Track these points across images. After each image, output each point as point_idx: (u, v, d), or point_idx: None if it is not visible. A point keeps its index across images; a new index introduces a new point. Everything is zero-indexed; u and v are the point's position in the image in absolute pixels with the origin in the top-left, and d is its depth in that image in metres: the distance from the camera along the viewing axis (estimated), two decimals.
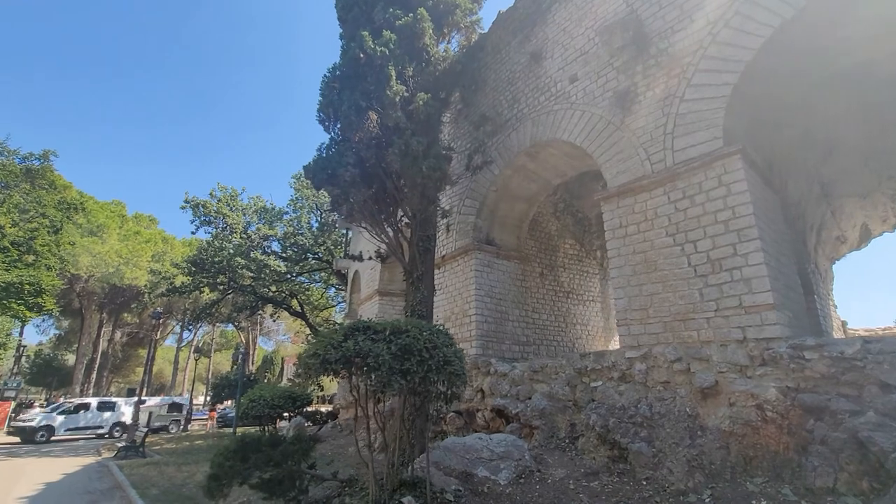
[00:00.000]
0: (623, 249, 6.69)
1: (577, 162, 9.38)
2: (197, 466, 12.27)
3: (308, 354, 4.95)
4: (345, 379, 5.44)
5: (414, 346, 4.81)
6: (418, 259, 7.61)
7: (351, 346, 4.74)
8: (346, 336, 4.97)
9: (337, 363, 4.76)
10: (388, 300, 14.21)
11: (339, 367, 4.77)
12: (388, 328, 5.07)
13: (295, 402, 18.07)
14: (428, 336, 4.98)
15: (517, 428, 7.61)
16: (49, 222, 20.29)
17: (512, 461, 6.01)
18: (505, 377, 8.20)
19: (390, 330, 5.03)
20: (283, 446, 5.74)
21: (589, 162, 9.29)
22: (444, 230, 10.45)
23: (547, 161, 9.45)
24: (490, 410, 8.49)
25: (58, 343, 52.20)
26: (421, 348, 4.82)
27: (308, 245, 21.57)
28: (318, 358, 4.83)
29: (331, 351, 4.78)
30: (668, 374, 5.81)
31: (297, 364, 5.17)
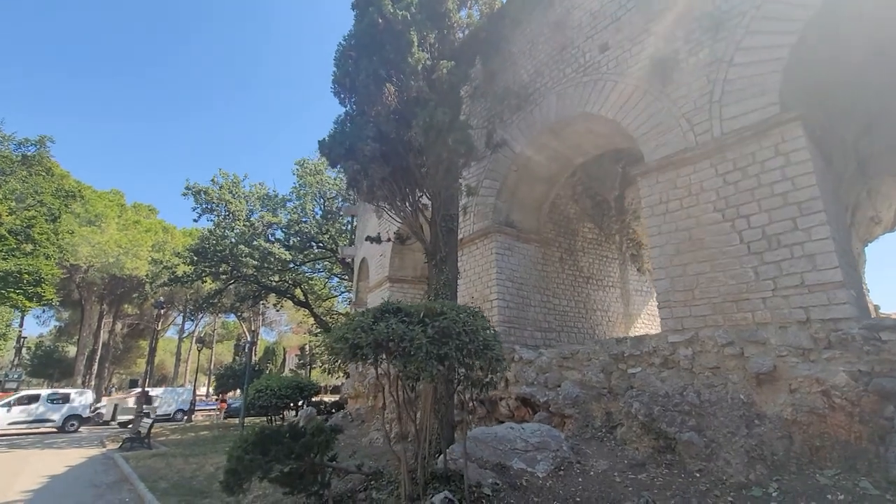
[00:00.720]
0: (664, 227, 6.26)
1: (602, 139, 8.90)
2: (205, 458, 11.94)
3: (335, 339, 4.53)
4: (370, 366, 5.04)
5: (452, 329, 4.39)
6: (441, 240, 7.17)
7: (383, 329, 4.32)
8: (377, 319, 4.55)
9: (368, 348, 4.34)
10: (398, 287, 13.80)
11: (369, 352, 4.35)
12: (422, 310, 4.64)
13: (302, 391, 17.82)
14: (466, 318, 4.56)
15: (546, 417, 7.23)
16: (47, 210, 19.76)
17: (549, 452, 5.63)
18: (531, 364, 7.81)
19: (424, 312, 4.61)
20: (305, 438, 5.34)
21: (616, 140, 8.82)
22: (462, 213, 9.99)
23: (570, 138, 8.97)
24: (515, 399, 8.11)
25: (58, 335, 51.91)
26: (459, 331, 4.40)
27: (312, 233, 21.09)
28: (346, 343, 4.42)
29: (361, 335, 4.36)
30: (718, 359, 5.40)
31: (326, 349, 4.76)
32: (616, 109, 7.25)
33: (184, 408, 29.65)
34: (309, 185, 23.50)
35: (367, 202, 7.56)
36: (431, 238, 7.38)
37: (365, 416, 12.97)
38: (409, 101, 6.73)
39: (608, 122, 7.75)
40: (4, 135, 18.53)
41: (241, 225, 20.70)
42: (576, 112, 8.04)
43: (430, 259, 7.33)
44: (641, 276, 12.92)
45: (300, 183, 23.96)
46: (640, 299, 12.57)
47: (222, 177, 21.36)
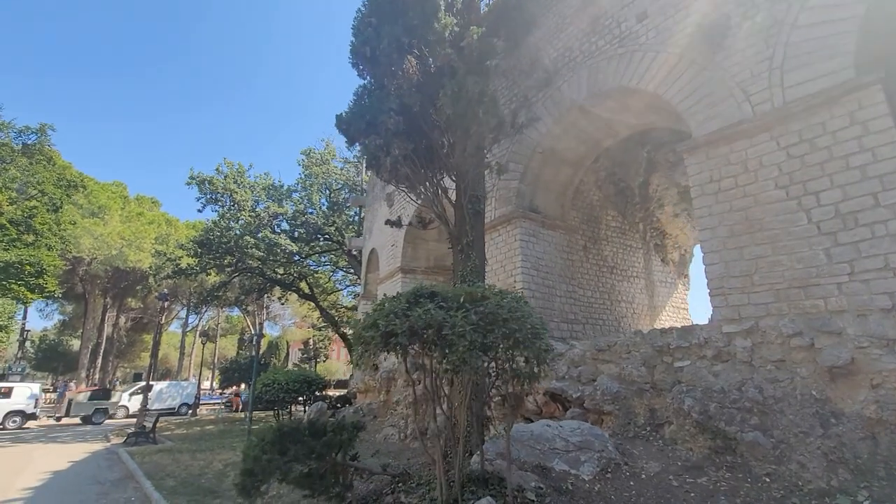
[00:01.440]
0: (716, 207, 5.72)
1: (634, 117, 8.35)
2: (213, 454, 11.52)
3: (365, 326, 4.03)
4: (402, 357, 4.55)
5: (498, 315, 3.88)
6: (468, 223, 6.65)
7: (420, 315, 3.81)
8: (411, 304, 4.05)
9: (402, 336, 3.84)
10: (411, 278, 13.30)
11: (404, 341, 3.86)
12: (462, 294, 4.14)
13: (310, 385, 17.37)
14: (511, 304, 4.05)
15: (580, 414, 6.74)
16: (48, 200, 19.30)
17: (593, 452, 5.14)
18: (561, 357, 7.30)
19: (465, 297, 4.11)
20: (327, 437, 4.86)
21: (649, 117, 8.27)
22: None
23: (601, 117, 8.42)
24: (543, 394, 7.62)
25: (62, 328, 51.72)
26: (507, 318, 3.89)
27: (319, 224, 20.57)
28: (377, 330, 3.92)
29: (395, 322, 3.86)
30: (783, 352, 4.88)
31: (353, 338, 4.26)
32: (657, 82, 6.69)
33: (188, 402, 29.31)
34: (315, 175, 22.96)
35: (387, 182, 7.03)
36: (456, 221, 6.86)
37: (377, 412, 12.52)
38: (435, 72, 6.20)
39: (644, 97, 7.21)
40: (4, 122, 18.03)
41: (247, 215, 20.20)
42: (610, 87, 7.48)
43: (454, 244, 6.81)
44: (665, 267, 12.39)
45: (306, 174, 23.43)
46: (665, 290, 12.05)
47: (227, 166, 20.85)
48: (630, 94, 7.38)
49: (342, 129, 6.52)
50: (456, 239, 6.78)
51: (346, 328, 27.44)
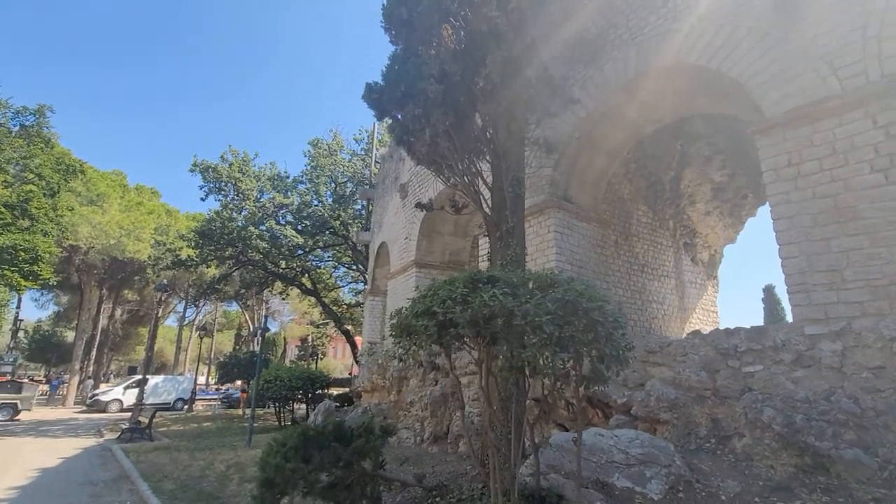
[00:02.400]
0: (795, 194, 5.10)
1: (682, 100, 7.73)
2: (213, 454, 10.83)
3: (416, 314, 3.39)
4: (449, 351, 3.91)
5: (578, 304, 3.23)
6: (509, 207, 6.01)
7: (485, 302, 3.18)
8: (470, 289, 3.41)
9: (463, 327, 3.21)
10: (426, 273, 12.65)
11: (466, 332, 3.22)
12: (532, 279, 3.50)
13: (313, 383, 16.71)
14: (584, 291, 3.42)
15: (626, 422, 6.10)
16: (46, 184, 18.58)
17: (659, 467, 4.50)
18: None
19: (534, 282, 3.47)
20: (357, 443, 4.21)
21: (698, 100, 7.65)
22: None
23: (646, 100, 7.79)
24: (580, 399, 6.98)
25: (56, 319, 50.91)
26: (589, 307, 3.25)
27: (325, 216, 19.90)
28: (432, 319, 3.28)
29: (454, 309, 3.22)
30: (884, 357, 4.26)
31: (396, 329, 3.62)
32: (722, 57, 6.06)
33: (184, 397, 28.61)
34: (322, 167, 22.28)
35: (418, 163, 6.38)
36: (494, 206, 6.21)
37: (388, 413, 11.85)
38: (478, 38, 5.54)
39: (700, 74, 6.58)
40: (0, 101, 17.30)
41: (252, 205, 19.51)
42: (661, 65, 6.85)
43: (492, 231, 6.17)
44: (695, 267, 11.77)
45: (312, 165, 22.75)
46: (695, 292, 11.43)
47: (232, 154, 20.16)
48: (683, 71, 6.76)
49: (373, 99, 5.87)
50: (494, 225, 6.13)
51: (349, 325, 26.77)
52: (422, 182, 13.00)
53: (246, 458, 9.87)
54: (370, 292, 17.20)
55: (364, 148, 24.69)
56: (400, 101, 5.53)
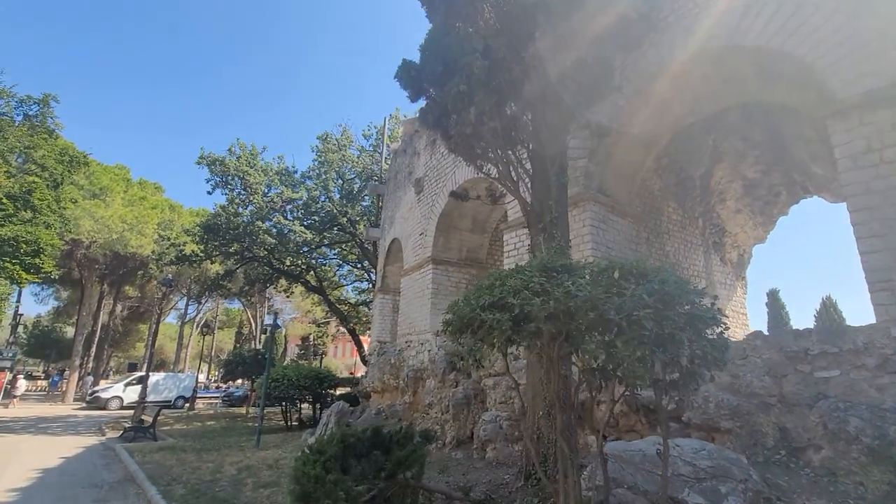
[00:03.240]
0: (877, 183, 4.65)
1: (729, 88, 7.29)
2: (221, 455, 10.39)
3: (485, 306, 2.94)
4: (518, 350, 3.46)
5: (677, 296, 2.79)
6: (554, 196, 5.57)
7: (571, 292, 2.73)
8: (546, 277, 2.96)
9: (543, 322, 2.75)
10: (442, 270, 12.20)
11: (547, 327, 2.77)
12: (616, 268, 3.05)
13: (321, 383, 16.24)
14: (681, 281, 2.97)
15: (676, 429, 5.65)
16: (49, 175, 18.12)
17: (734, 482, 4.05)
18: None
19: (619, 271, 3.02)
20: (398, 451, 3.75)
21: (747, 87, 7.21)
22: None
23: (690, 87, 7.35)
24: (621, 402, 6.54)
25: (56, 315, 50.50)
26: (694, 300, 2.80)
27: (334, 212, 19.43)
28: (507, 312, 2.83)
29: (532, 301, 2.77)
30: None
31: (455, 322, 3.17)
32: (784, 36, 5.62)
33: (185, 395, 28.15)
34: (330, 162, 21.83)
35: (454, 148, 5.92)
36: (536, 195, 5.77)
37: (402, 414, 11.40)
38: (524, 11, 5.10)
39: (756, 56, 6.14)
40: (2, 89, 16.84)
41: (259, 199, 19.05)
42: (713, 46, 6.41)
43: (533, 222, 5.73)
44: (724, 267, 11.33)
45: (320, 160, 22.29)
46: (724, 293, 10.98)
47: (239, 147, 19.71)
48: (736, 55, 6.31)
49: (409, 76, 5.43)
50: (536, 216, 5.69)
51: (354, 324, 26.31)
52: (439, 176, 12.55)
53: (256, 460, 9.43)
54: (380, 290, 16.75)
55: (373, 144, 24.27)
56: (440, 78, 5.08)
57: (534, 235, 5.77)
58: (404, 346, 12.89)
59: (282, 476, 7.67)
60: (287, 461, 8.99)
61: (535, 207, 5.71)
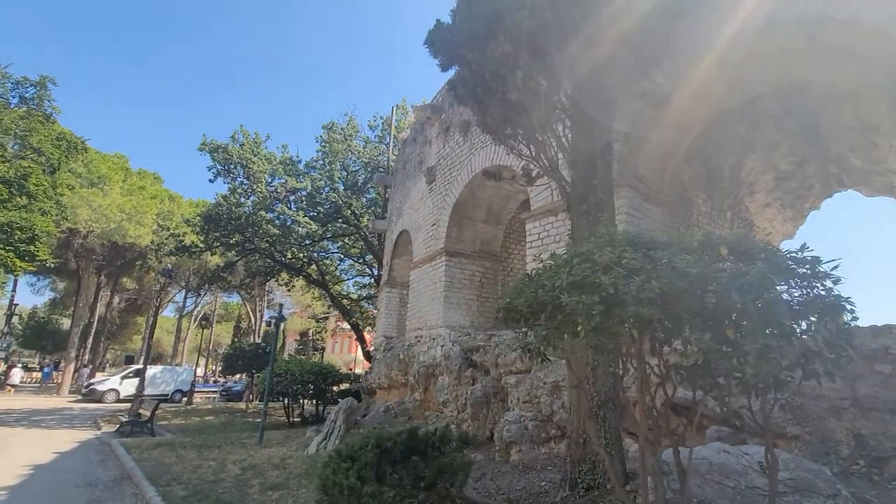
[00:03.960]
0: None
1: (780, 66, 6.77)
2: (222, 452, 9.88)
3: (564, 286, 2.42)
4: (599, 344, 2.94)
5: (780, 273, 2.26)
6: (600, 175, 5.06)
7: (678, 269, 2.22)
8: (642, 253, 2.44)
9: (644, 306, 2.24)
10: (456, 262, 11.68)
11: (650, 312, 2.25)
12: (722, 243, 2.53)
13: (325, 378, 15.71)
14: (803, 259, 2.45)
15: (729, 434, 5.16)
16: (45, 160, 17.52)
17: (819, 497, 3.55)
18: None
19: (728, 246, 2.51)
20: (443, 459, 3.24)
21: (798, 64, 6.69)
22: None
23: (735, 65, 6.81)
24: (661, 405, 6.04)
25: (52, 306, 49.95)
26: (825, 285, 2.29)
27: (339, 203, 18.87)
28: (596, 293, 2.30)
29: (628, 281, 2.26)
30: None
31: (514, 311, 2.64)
32: (860, 1, 5.09)
33: (183, 388, 27.65)
34: (336, 152, 21.27)
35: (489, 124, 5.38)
36: (579, 176, 5.25)
37: (412, 412, 10.91)
38: None
39: (820, 27, 5.62)
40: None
41: (263, 188, 18.49)
42: (770, 15, 5.88)
43: (576, 206, 5.20)
44: None
45: (325, 150, 21.71)
46: None
47: (243, 135, 19.13)
48: (798, 27, 5.79)
49: (443, 40, 4.89)
50: (579, 199, 5.17)
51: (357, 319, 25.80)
52: (453, 165, 12.03)
53: (260, 458, 8.92)
54: (386, 283, 16.24)
55: (378, 135, 23.71)
56: (481, 40, 4.54)
57: (576, 220, 5.25)
58: (414, 342, 12.38)
59: (290, 477, 7.17)
60: (294, 460, 8.49)
61: (579, 188, 5.19)
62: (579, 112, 5.29)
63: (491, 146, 10.12)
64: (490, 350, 8.74)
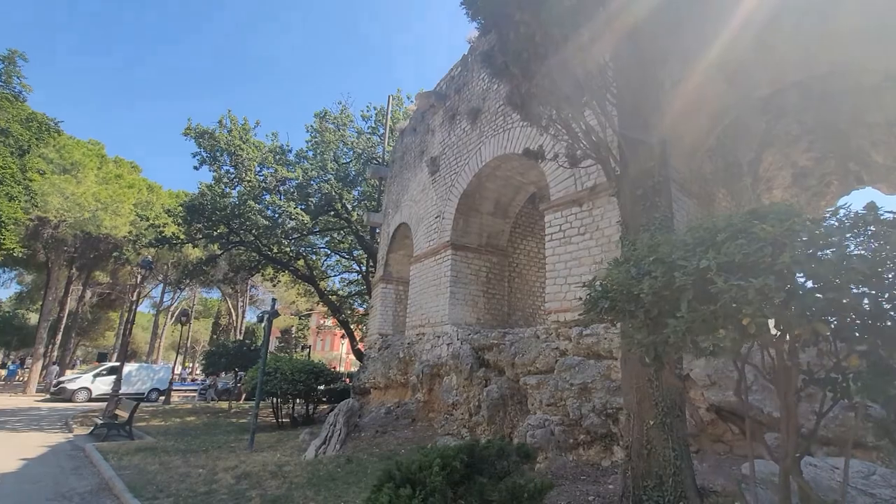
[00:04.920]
0: None
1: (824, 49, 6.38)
2: (210, 457, 9.11)
3: (711, 267, 1.87)
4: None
5: None
6: (657, 156, 4.57)
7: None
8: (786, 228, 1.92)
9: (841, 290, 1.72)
10: (462, 256, 11.11)
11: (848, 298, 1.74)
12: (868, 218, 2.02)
13: (317, 377, 14.98)
14: None
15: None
16: (14, 142, 16.25)
17: None
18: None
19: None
20: (520, 479, 2.68)
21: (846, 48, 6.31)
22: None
23: (778, 49, 6.41)
24: (707, 409, 5.61)
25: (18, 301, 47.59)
26: None
27: (332, 194, 18.08)
28: (769, 278, 1.77)
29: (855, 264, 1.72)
30: None
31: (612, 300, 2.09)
32: None
33: (160, 387, 26.43)
34: (327, 142, 20.44)
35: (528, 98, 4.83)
36: (631, 157, 4.74)
37: (416, 414, 10.31)
38: None
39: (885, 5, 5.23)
40: None
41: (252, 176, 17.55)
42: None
43: (628, 189, 4.71)
44: None
45: (316, 140, 20.85)
46: None
47: (230, 121, 18.14)
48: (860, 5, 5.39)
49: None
50: (632, 181, 4.66)
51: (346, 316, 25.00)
52: (460, 153, 11.46)
53: (254, 464, 8.19)
54: (382, 279, 15.56)
55: (371, 126, 22.95)
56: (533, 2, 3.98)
57: (629, 204, 4.74)
58: (415, 340, 11.77)
59: (293, 488, 6.50)
60: (292, 468, 7.80)
61: (631, 171, 4.68)
62: (629, 89, 4.79)
63: (511, 130, 9.59)
64: (505, 349, 8.21)
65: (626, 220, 4.75)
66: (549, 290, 7.87)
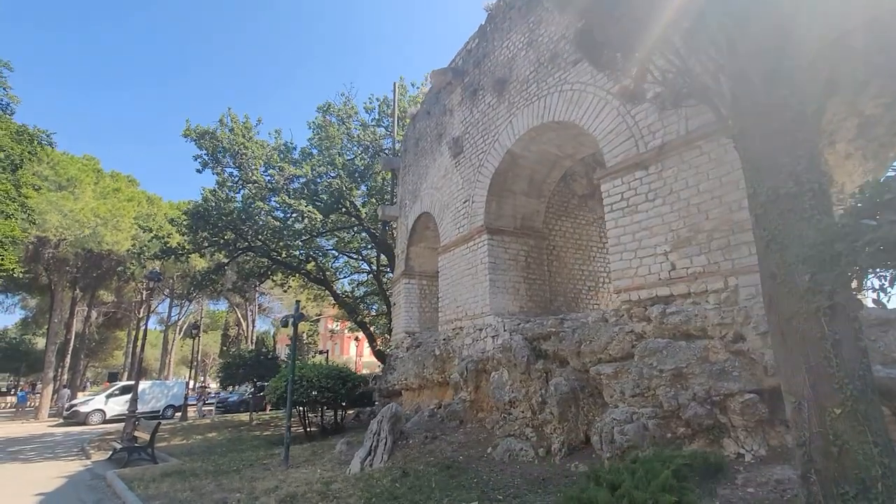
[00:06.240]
0: None
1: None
2: (244, 478, 8.26)
3: None
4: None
5: None
6: (802, 83, 3.69)
7: None
8: None
9: None
10: (498, 240, 10.22)
11: None
12: None
13: (345, 383, 14.14)
14: None
15: None
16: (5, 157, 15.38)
17: None
18: (892, 325, 4.42)
19: None
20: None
21: None
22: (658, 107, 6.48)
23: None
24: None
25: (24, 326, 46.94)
26: None
27: (342, 189, 17.17)
28: None
29: None
30: None
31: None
32: None
33: (175, 403, 25.69)
34: (332, 137, 19.52)
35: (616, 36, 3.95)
36: (755, 85, 3.87)
37: (462, 415, 9.46)
38: None
39: None
40: None
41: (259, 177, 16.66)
42: None
43: (752, 127, 3.83)
44: None
45: (321, 136, 19.92)
46: None
47: (232, 119, 17.22)
48: None
49: None
50: (758, 115, 3.79)
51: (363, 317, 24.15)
52: (486, 130, 10.56)
53: (296, 483, 7.34)
54: (404, 274, 14.68)
55: (375, 118, 22.01)
56: None
57: (754, 145, 3.87)
58: (452, 335, 10.91)
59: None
60: (341, 485, 6.95)
61: (749, 107, 3.81)
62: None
63: (549, 96, 8.70)
64: (566, 336, 7.34)
65: (756, 163, 3.88)
66: (615, 267, 6.99)
